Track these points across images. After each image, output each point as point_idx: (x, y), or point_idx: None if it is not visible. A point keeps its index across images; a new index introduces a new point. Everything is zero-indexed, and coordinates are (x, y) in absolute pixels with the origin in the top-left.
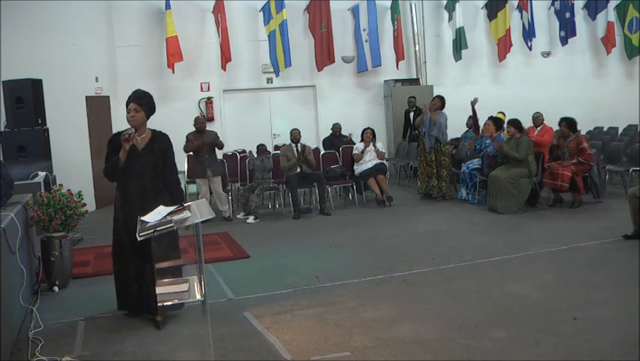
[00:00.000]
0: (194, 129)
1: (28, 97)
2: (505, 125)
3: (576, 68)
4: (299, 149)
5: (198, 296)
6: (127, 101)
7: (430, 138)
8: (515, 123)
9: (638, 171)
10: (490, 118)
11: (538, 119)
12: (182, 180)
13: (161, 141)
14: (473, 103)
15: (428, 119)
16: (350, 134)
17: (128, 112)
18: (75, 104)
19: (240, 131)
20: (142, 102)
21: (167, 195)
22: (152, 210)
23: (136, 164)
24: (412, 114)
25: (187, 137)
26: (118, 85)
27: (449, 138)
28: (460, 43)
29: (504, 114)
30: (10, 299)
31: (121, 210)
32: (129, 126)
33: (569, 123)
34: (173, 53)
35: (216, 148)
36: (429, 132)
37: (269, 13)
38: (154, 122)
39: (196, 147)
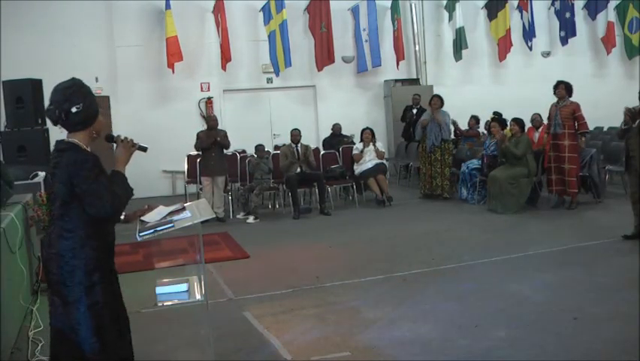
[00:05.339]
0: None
1: (28, 97)
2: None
3: (576, 68)
4: (299, 149)
5: (198, 296)
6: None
7: (436, 137)
8: (519, 122)
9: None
10: (495, 120)
11: (536, 120)
12: (182, 180)
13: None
14: (454, 124)
15: (431, 119)
16: (352, 135)
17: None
18: None
19: (240, 131)
20: None
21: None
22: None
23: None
24: (414, 111)
25: (198, 135)
26: (118, 85)
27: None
28: (460, 43)
29: (499, 114)
30: (10, 299)
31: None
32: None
33: (567, 86)
34: (173, 53)
35: (223, 148)
36: (434, 132)
37: (269, 13)
38: (153, 122)
39: (209, 143)
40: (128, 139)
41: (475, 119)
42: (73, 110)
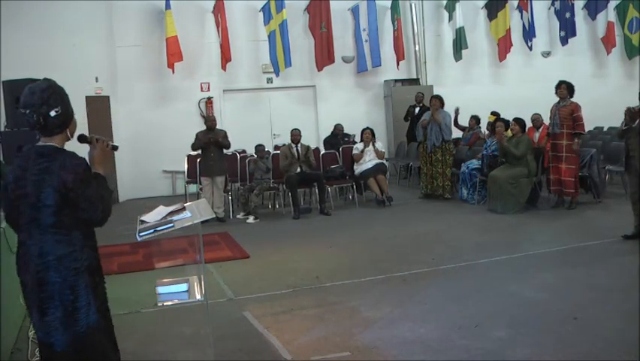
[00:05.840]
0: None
1: None
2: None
3: (576, 68)
4: (299, 149)
5: (198, 296)
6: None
7: (437, 137)
8: (520, 122)
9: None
10: (498, 120)
11: (537, 120)
12: (182, 180)
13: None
14: (457, 112)
15: (432, 119)
16: (352, 135)
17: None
18: (75, 104)
19: (240, 131)
20: None
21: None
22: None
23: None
24: (417, 109)
25: (197, 135)
26: (118, 85)
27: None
28: (460, 43)
29: (497, 114)
30: (10, 299)
31: None
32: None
33: (568, 86)
34: (173, 53)
35: (223, 148)
36: (435, 133)
37: (269, 13)
38: (153, 122)
39: (205, 144)
40: (102, 139)
41: (475, 120)
42: (52, 113)
